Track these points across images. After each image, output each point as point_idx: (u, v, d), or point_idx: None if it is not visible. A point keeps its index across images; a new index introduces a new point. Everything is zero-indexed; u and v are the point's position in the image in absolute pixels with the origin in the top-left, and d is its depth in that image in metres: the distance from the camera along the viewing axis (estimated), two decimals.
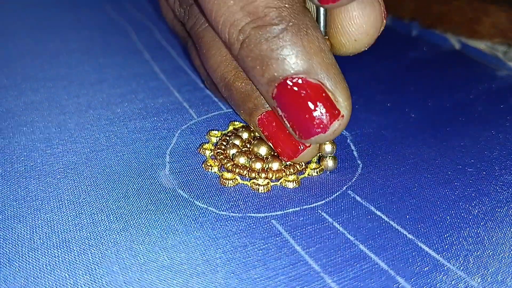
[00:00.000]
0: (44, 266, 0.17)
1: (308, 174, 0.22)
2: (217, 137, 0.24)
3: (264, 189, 0.21)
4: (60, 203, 0.20)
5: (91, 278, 0.16)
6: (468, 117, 0.26)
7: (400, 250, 0.18)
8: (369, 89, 0.29)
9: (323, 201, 0.20)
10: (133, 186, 0.21)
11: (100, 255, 0.17)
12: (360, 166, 0.23)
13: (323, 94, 0.19)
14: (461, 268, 0.17)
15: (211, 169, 0.22)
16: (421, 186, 0.21)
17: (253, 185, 0.21)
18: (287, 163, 0.22)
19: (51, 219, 0.19)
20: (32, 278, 0.16)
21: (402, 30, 0.37)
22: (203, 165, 0.22)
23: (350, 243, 0.18)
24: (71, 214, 0.19)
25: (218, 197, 0.21)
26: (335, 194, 0.21)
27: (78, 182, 0.21)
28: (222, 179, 0.21)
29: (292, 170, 0.22)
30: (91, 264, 0.17)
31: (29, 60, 0.32)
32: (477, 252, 0.18)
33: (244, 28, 0.19)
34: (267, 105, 0.21)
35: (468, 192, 0.21)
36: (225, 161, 0.22)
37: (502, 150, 0.23)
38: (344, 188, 0.21)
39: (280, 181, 0.21)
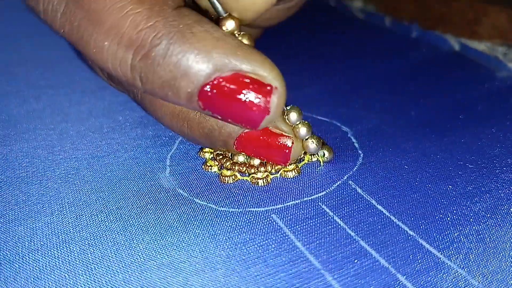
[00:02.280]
0: (44, 266, 0.17)
1: (307, 161, 0.22)
2: None
3: (263, 182, 0.21)
4: (61, 206, 0.20)
5: (91, 278, 0.17)
6: (468, 116, 0.26)
7: (401, 247, 0.18)
8: (368, 89, 0.29)
9: (323, 192, 0.20)
10: (133, 187, 0.21)
11: (99, 255, 0.17)
12: (361, 155, 0.23)
13: (245, 80, 0.17)
14: (462, 266, 0.17)
15: (211, 169, 0.22)
16: (422, 181, 0.21)
17: (253, 179, 0.21)
18: None
19: (51, 221, 0.19)
20: (32, 278, 0.17)
21: (401, 31, 0.37)
22: (203, 166, 0.22)
23: (351, 239, 0.18)
24: (71, 216, 0.19)
25: (218, 193, 0.21)
26: (336, 184, 0.21)
27: (79, 186, 0.21)
28: (221, 177, 0.21)
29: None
30: (91, 263, 0.17)
31: (31, 67, 0.33)
32: (478, 250, 0.18)
33: (133, 64, 0.17)
34: (234, 132, 0.20)
35: (469, 188, 0.21)
36: (224, 160, 0.22)
37: (502, 148, 0.23)
38: (345, 177, 0.21)
39: (279, 172, 0.21)
